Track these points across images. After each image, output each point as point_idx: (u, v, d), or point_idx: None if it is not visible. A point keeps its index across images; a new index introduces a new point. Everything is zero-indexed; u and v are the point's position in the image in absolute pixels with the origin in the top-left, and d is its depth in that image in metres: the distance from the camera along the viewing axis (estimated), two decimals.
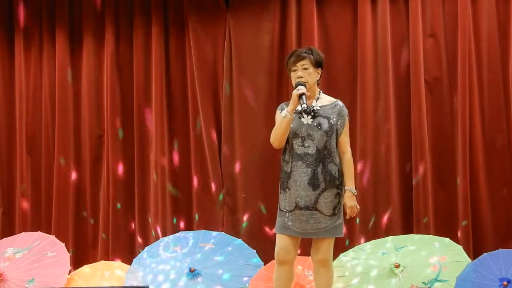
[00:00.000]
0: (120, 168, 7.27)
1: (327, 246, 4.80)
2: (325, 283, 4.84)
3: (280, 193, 4.84)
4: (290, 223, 4.77)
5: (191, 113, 7.15)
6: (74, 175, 7.34)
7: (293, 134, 4.75)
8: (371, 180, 6.68)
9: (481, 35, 6.55)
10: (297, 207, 4.74)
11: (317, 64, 4.83)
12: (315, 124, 4.74)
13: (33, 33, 7.49)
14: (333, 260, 6.04)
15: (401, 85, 6.70)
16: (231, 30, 7.08)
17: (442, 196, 6.59)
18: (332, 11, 6.90)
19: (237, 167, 7.03)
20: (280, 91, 6.95)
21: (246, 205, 6.98)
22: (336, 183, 4.75)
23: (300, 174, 4.72)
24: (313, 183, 4.70)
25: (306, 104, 4.64)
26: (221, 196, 7.06)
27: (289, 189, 4.77)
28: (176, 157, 7.21)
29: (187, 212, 7.17)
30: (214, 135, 7.10)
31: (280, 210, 4.84)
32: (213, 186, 7.07)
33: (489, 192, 6.51)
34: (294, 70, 4.82)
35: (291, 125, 4.74)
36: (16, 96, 7.48)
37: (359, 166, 6.70)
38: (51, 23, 7.45)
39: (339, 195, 4.77)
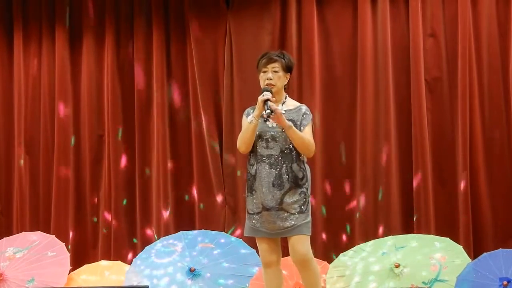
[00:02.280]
0: (121, 168, 7.27)
1: (302, 244, 4.76)
2: (311, 282, 4.82)
3: (247, 196, 4.87)
4: (258, 225, 4.80)
5: (192, 113, 7.16)
6: (74, 175, 7.34)
7: (258, 137, 4.79)
8: (371, 179, 6.67)
9: (481, 35, 6.56)
10: (264, 208, 4.76)
11: (287, 69, 4.87)
12: (279, 127, 4.76)
13: (33, 33, 7.49)
14: (333, 260, 6.09)
15: (401, 85, 6.70)
16: (232, 31, 7.09)
17: (442, 196, 6.59)
18: (332, 11, 6.91)
19: (238, 167, 7.03)
20: None
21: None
22: (300, 183, 4.76)
23: (265, 175, 4.74)
24: (278, 183, 4.72)
25: (270, 110, 4.66)
26: (222, 195, 7.08)
27: (255, 191, 4.79)
28: (177, 157, 7.21)
29: (188, 211, 7.17)
30: (215, 135, 7.10)
31: (248, 213, 4.87)
32: (214, 186, 7.07)
33: (489, 192, 6.51)
34: (264, 72, 4.86)
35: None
36: (15, 95, 7.49)
37: (359, 166, 6.70)
38: (51, 23, 7.46)
39: (304, 194, 4.77)
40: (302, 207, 4.76)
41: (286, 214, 4.73)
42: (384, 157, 6.67)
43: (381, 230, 6.60)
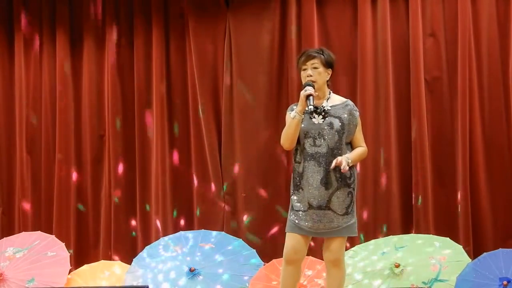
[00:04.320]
0: (121, 168, 7.28)
1: (339, 245, 4.76)
2: (336, 284, 4.81)
3: (293, 193, 4.79)
4: (302, 223, 4.75)
5: (192, 112, 7.16)
6: (74, 175, 7.35)
7: (304, 134, 4.72)
8: (371, 179, 6.67)
9: (481, 35, 6.55)
10: (310, 207, 4.70)
11: (328, 65, 4.78)
12: (326, 123, 4.72)
13: (34, 34, 7.50)
14: None
15: (401, 85, 6.70)
16: (231, 30, 7.09)
17: (442, 196, 6.59)
18: (332, 11, 6.90)
19: (237, 166, 7.03)
20: (280, 91, 6.96)
21: (246, 205, 6.98)
22: (348, 182, 4.72)
23: (313, 173, 4.68)
24: (325, 182, 4.67)
25: (313, 105, 4.61)
26: (221, 195, 7.08)
27: (302, 189, 4.73)
28: (176, 157, 7.22)
29: (187, 212, 7.17)
30: (214, 135, 7.10)
31: (293, 210, 4.80)
32: (213, 186, 7.07)
33: (489, 192, 6.51)
34: (304, 69, 4.79)
35: (302, 126, 4.71)
36: (16, 95, 7.49)
37: (358, 166, 6.70)
38: (51, 23, 7.46)
39: (351, 194, 4.74)
40: (348, 208, 4.73)
41: (332, 215, 4.69)
42: (383, 156, 6.67)
43: (381, 230, 6.60)
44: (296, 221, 4.75)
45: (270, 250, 6.70)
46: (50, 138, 7.44)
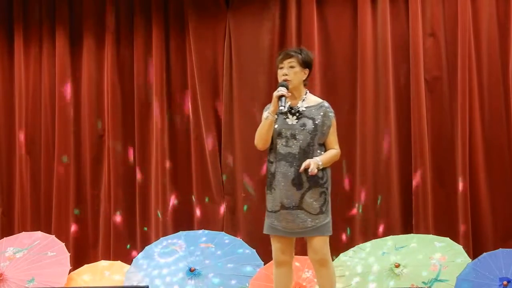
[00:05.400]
0: (121, 168, 7.27)
1: (321, 244, 4.76)
2: (327, 283, 4.82)
3: (267, 194, 4.83)
4: (276, 223, 4.77)
5: (192, 113, 7.16)
6: (74, 175, 7.35)
7: (277, 134, 4.75)
8: (371, 179, 6.67)
9: (481, 35, 6.55)
10: (282, 207, 4.73)
11: (305, 64, 4.82)
12: (299, 124, 4.74)
13: (33, 33, 7.50)
14: (333, 260, 6.09)
15: (401, 85, 6.70)
16: (231, 30, 7.09)
17: (442, 196, 6.58)
18: (332, 11, 6.90)
19: (237, 166, 7.03)
20: None
21: (246, 205, 6.98)
22: (320, 182, 4.73)
23: (284, 174, 4.71)
24: (297, 182, 4.68)
25: (284, 106, 4.62)
26: (221, 194, 7.08)
27: (274, 190, 4.75)
28: (176, 157, 7.21)
29: (187, 211, 7.17)
30: (214, 134, 7.10)
31: (267, 211, 4.83)
32: (213, 186, 7.07)
33: (489, 192, 6.50)
34: (280, 68, 4.82)
35: (276, 126, 4.74)
36: (16, 95, 7.49)
37: (358, 166, 6.70)
38: (51, 23, 7.47)
39: (324, 194, 4.75)
40: (322, 207, 4.73)
41: (305, 214, 4.70)
42: (383, 156, 6.67)
43: (381, 230, 6.60)
44: (271, 222, 4.77)
45: (268, 251, 6.71)
46: (50, 138, 7.44)
